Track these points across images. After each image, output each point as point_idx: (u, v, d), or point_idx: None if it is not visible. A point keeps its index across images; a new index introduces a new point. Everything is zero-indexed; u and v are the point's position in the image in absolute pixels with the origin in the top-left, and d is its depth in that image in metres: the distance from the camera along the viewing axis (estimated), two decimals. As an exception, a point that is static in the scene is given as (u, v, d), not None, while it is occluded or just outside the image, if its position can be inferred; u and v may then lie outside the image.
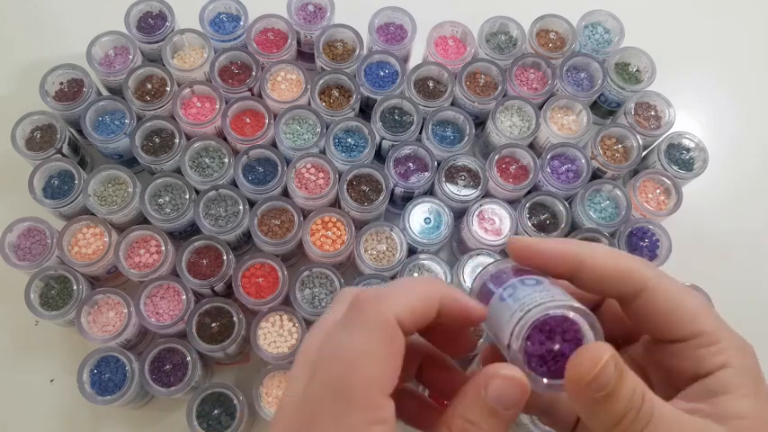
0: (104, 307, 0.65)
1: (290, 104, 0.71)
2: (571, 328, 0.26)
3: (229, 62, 0.75)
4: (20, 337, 0.71)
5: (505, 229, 0.69)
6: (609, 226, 0.69)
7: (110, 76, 0.73)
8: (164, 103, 0.71)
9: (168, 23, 0.75)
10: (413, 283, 0.28)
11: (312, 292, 0.66)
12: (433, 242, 0.67)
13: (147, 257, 0.66)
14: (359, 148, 0.71)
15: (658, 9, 0.91)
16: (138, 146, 0.70)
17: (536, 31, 0.78)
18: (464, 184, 0.70)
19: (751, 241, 0.79)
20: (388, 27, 0.78)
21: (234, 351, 0.66)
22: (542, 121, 0.72)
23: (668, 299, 0.27)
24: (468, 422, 0.25)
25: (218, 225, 0.67)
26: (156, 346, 0.64)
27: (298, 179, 0.69)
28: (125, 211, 0.67)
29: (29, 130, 0.71)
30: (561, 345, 0.26)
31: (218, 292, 0.67)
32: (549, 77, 0.75)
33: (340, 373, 0.25)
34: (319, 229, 0.67)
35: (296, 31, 0.76)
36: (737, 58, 0.90)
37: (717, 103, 0.88)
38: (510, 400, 0.25)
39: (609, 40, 0.79)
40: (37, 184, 0.68)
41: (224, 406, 0.63)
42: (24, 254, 0.67)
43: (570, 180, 0.72)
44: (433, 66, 0.75)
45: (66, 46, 0.79)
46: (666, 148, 0.74)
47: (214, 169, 0.69)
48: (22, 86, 0.81)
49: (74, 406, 0.68)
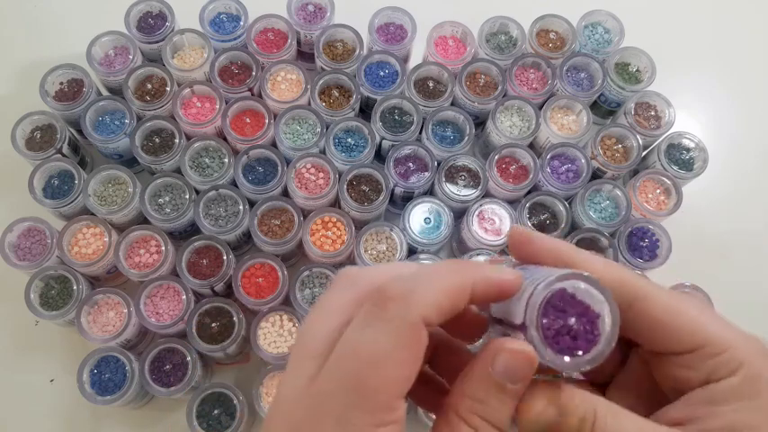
0: (104, 307, 0.65)
1: (290, 104, 0.71)
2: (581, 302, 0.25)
3: (229, 62, 0.75)
4: (20, 337, 0.71)
5: (505, 229, 0.69)
6: (609, 226, 0.69)
7: (110, 76, 0.73)
8: (164, 103, 0.71)
9: (168, 23, 0.75)
10: (443, 274, 0.25)
11: (312, 292, 0.66)
12: (433, 242, 0.67)
13: (147, 257, 0.66)
14: (359, 148, 0.71)
15: (658, 9, 0.91)
16: (138, 146, 0.70)
17: (536, 31, 0.78)
18: (464, 184, 0.71)
19: (751, 241, 0.79)
20: (388, 27, 0.78)
21: (234, 351, 0.66)
22: (542, 121, 0.72)
23: (664, 310, 0.26)
24: (476, 401, 0.25)
25: (218, 225, 0.67)
26: (156, 346, 0.64)
27: (298, 179, 0.69)
28: (125, 211, 0.67)
29: (29, 130, 0.71)
30: (576, 319, 0.25)
31: (218, 292, 0.67)
32: (549, 77, 0.75)
33: (356, 371, 0.24)
34: (319, 229, 0.67)
35: (296, 31, 0.76)
36: (737, 58, 0.90)
37: (717, 103, 0.88)
38: (518, 374, 0.24)
39: (609, 40, 0.79)
40: (37, 184, 0.68)
41: (224, 406, 0.63)
42: (24, 254, 0.67)
43: (570, 180, 0.72)
44: (433, 66, 0.75)
45: (66, 46, 0.79)
46: (666, 148, 0.74)
47: (214, 169, 0.69)
48: (22, 86, 0.81)
49: (74, 406, 0.68)
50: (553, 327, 0.25)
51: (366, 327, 0.24)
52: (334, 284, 0.28)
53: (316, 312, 0.27)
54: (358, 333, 0.24)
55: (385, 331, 0.24)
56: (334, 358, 0.25)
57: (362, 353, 0.24)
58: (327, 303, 0.27)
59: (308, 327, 0.27)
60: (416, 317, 0.24)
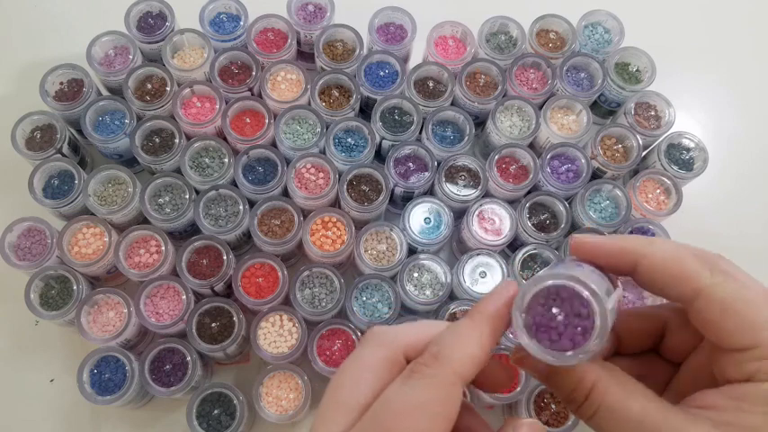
0: (104, 307, 0.65)
1: (290, 104, 0.71)
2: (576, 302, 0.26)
3: (229, 62, 0.75)
4: (20, 337, 0.71)
5: (505, 229, 0.69)
6: (609, 226, 0.69)
7: (110, 76, 0.73)
8: (164, 103, 0.71)
9: (168, 23, 0.75)
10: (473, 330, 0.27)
11: (312, 292, 0.66)
12: (433, 242, 0.67)
13: (147, 257, 0.66)
14: (359, 148, 0.71)
15: (658, 9, 0.91)
16: (138, 146, 0.70)
17: (536, 31, 0.78)
18: (464, 184, 0.70)
19: (751, 241, 0.79)
20: (388, 27, 0.78)
21: (234, 351, 0.66)
22: (542, 121, 0.72)
23: (723, 307, 0.26)
24: None
25: (218, 225, 0.67)
26: (156, 346, 0.64)
27: (298, 179, 0.69)
28: (125, 211, 0.67)
29: (29, 130, 0.71)
30: (563, 315, 0.26)
31: (218, 292, 0.67)
32: (549, 77, 0.75)
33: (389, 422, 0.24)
34: (319, 229, 0.67)
35: (296, 31, 0.76)
36: (737, 59, 0.90)
37: (717, 103, 0.88)
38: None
39: (609, 40, 0.79)
40: (37, 184, 0.68)
41: (224, 406, 0.63)
42: (24, 254, 0.67)
43: (570, 180, 0.72)
44: (433, 66, 0.75)
45: (66, 46, 0.79)
46: (666, 148, 0.74)
47: (214, 169, 0.69)
48: (22, 86, 0.81)
49: (74, 406, 0.68)
50: (539, 320, 0.26)
51: (404, 384, 0.25)
52: (365, 343, 0.29)
53: (349, 368, 0.28)
54: (396, 390, 0.26)
55: (422, 386, 0.25)
56: (371, 413, 0.25)
57: (397, 406, 0.25)
58: (361, 360, 0.28)
59: (341, 381, 0.28)
60: (452, 373, 0.25)
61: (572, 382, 0.27)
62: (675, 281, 0.27)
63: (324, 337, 0.65)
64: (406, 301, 0.66)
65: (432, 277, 0.67)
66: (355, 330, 0.65)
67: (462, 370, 0.25)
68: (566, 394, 0.28)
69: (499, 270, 0.67)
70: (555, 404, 0.64)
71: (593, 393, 0.27)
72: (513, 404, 0.66)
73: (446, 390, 0.25)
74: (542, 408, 0.64)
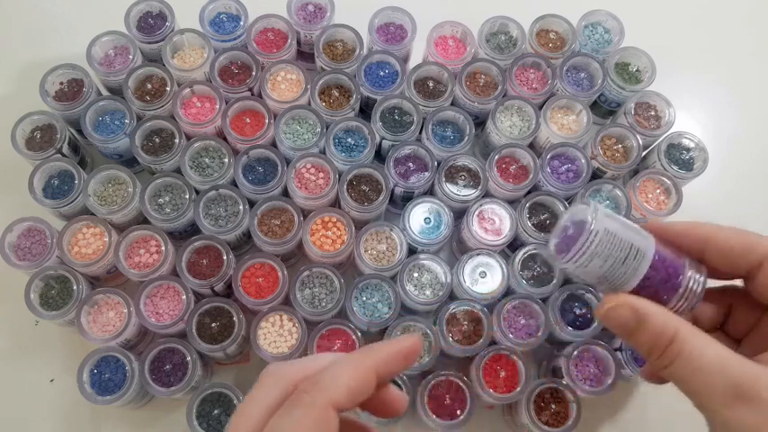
0: (104, 307, 0.65)
1: (290, 104, 0.71)
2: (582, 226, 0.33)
3: (229, 62, 0.75)
4: (20, 337, 0.71)
5: (505, 229, 0.69)
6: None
7: (110, 76, 0.73)
8: (164, 103, 0.71)
9: (168, 23, 0.75)
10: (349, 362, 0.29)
11: (312, 292, 0.66)
12: (433, 242, 0.67)
13: (147, 257, 0.66)
14: (359, 148, 0.71)
15: (658, 9, 0.91)
16: (138, 146, 0.70)
17: (536, 31, 0.78)
18: (464, 184, 0.71)
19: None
20: (388, 27, 0.78)
21: (234, 351, 0.66)
22: (542, 121, 0.72)
23: None
24: None
25: (218, 225, 0.67)
26: (156, 346, 0.64)
27: (298, 179, 0.69)
28: (125, 211, 0.67)
29: (29, 130, 0.71)
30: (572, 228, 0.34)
31: (218, 292, 0.67)
32: (549, 77, 0.75)
33: None
34: (319, 229, 0.67)
35: (296, 31, 0.76)
36: (737, 59, 0.90)
37: (717, 103, 0.88)
38: None
39: (609, 40, 0.79)
40: (37, 184, 0.68)
41: (224, 406, 0.63)
42: (24, 254, 0.67)
43: (570, 180, 0.72)
44: (433, 66, 0.75)
45: (66, 46, 0.79)
46: (666, 148, 0.74)
47: (214, 169, 0.69)
48: (22, 86, 0.81)
49: (74, 406, 0.68)
50: None
51: (284, 413, 0.27)
52: (261, 382, 0.30)
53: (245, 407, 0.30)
54: (278, 417, 0.27)
55: (300, 415, 0.27)
56: None
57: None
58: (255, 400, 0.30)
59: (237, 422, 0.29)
60: (326, 401, 0.27)
61: (657, 330, 0.30)
62: (742, 250, 0.32)
63: (324, 338, 0.65)
64: (406, 301, 0.66)
65: (432, 277, 0.67)
66: (355, 330, 0.65)
67: (337, 397, 0.27)
68: (650, 342, 0.30)
69: (499, 270, 0.67)
70: (555, 404, 0.64)
71: (675, 340, 0.30)
72: (513, 404, 0.67)
73: (321, 414, 0.27)
74: (542, 408, 0.64)
